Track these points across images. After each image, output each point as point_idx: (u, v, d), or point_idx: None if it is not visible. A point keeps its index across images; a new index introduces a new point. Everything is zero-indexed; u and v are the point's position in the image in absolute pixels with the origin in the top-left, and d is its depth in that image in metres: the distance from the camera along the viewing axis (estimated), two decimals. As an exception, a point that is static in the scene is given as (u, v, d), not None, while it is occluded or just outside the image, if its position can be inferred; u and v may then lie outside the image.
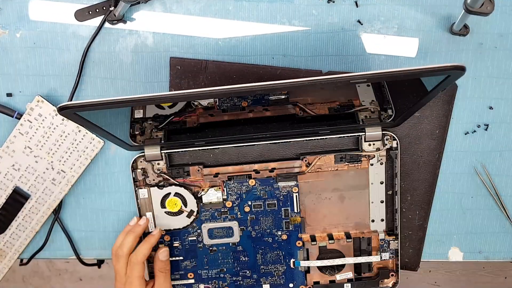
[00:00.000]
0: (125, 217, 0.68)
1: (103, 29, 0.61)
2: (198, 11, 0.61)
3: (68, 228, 0.69)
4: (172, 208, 0.64)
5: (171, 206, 0.63)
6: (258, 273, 0.67)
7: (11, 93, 0.63)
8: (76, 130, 0.62)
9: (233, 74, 0.62)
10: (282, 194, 0.64)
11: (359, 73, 0.41)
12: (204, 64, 0.62)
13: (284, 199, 0.64)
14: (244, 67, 0.62)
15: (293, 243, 0.65)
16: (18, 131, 0.62)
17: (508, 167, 0.66)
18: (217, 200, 0.64)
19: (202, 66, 0.62)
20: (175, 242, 0.65)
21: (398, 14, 0.61)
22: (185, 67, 0.62)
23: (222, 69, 0.62)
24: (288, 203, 0.64)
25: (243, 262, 0.66)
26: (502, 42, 0.62)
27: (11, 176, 0.63)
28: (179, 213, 0.64)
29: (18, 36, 0.61)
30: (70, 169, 0.64)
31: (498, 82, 0.63)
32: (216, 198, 0.63)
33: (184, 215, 0.64)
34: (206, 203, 0.64)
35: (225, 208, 0.64)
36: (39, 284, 1.61)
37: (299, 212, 0.64)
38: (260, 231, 0.65)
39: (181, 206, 0.64)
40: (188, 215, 0.64)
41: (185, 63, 0.62)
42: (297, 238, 0.65)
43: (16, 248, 0.67)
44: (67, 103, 0.42)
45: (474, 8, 0.52)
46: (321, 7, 0.61)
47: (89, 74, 0.63)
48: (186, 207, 0.64)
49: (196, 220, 0.64)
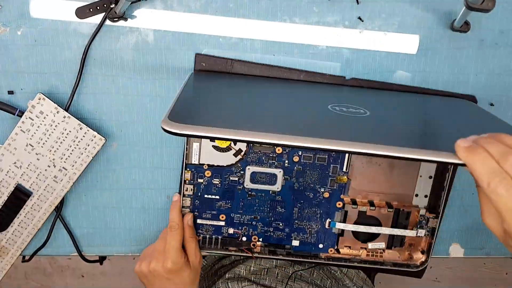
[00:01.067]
0: (127, 214, 0.68)
1: (104, 26, 0.61)
2: (199, 8, 0.61)
3: (70, 225, 0.69)
4: (221, 144, 0.61)
5: (220, 141, 0.61)
6: (291, 227, 0.65)
7: (12, 91, 0.63)
8: (78, 128, 0.62)
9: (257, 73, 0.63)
10: None
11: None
12: (229, 63, 0.63)
13: (336, 156, 0.62)
14: (268, 68, 0.63)
15: (334, 203, 0.64)
16: (19, 128, 0.62)
17: (509, 163, 0.66)
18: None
19: (227, 65, 0.63)
20: (215, 179, 0.63)
21: (399, 11, 0.61)
22: (211, 65, 0.63)
23: (247, 69, 0.63)
24: (339, 161, 0.62)
25: (279, 213, 0.64)
26: (503, 38, 0.62)
27: (13, 174, 0.64)
28: (227, 149, 0.61)
29: (19, 34, 0.61)
30: (71, 167, 0.64)
31: (499, 79, 0.63)
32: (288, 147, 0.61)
33: (231, 152, 0.61)
34: (256, 145, 0.61)
35: (274, 153, 0.62)
36: (41, 280, 1.62)
37: (347, 172, 0.63)
38: (304, 184, 0.63)
39: (231, 143, 0.61)
40: (235, 153, 0.61)
41: (210, 61, 0.63)
42: (338, 198, 0.64)
43: (18, 245, 0.67)
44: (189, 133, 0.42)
45: (475, 5, 0.52)
46: (322, 4, 0.61)
47: (90, 72, 0.63)
48: (235, 145, 0.61)
49: (241, 161, 0.62)
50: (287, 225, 0.65)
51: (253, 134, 0.43)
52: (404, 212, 0.63)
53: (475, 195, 0.67)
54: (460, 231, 0.69)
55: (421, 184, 0.63)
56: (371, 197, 0.64)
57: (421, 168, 0.63)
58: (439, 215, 0.63)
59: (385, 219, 0.64)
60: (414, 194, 0.64)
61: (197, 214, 0.65)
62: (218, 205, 0.64)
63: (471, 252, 0.70)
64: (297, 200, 0.64)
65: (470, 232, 0.69)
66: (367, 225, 0.64)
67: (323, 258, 0.66)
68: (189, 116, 0.46)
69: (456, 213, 0.68)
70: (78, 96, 0.64)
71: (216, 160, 0.62)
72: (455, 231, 0.69)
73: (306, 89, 0.61)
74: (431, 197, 0.63)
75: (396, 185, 0.63)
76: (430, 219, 0.63)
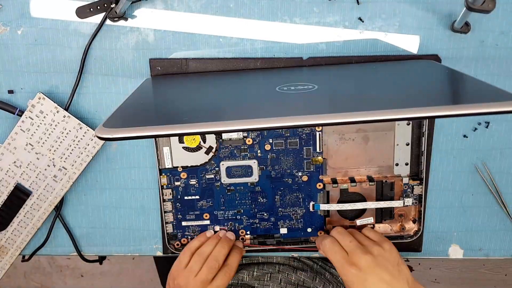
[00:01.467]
0: (127, 213, 0.68)
1: (104, 26, 0.61)
2: (199, 8, 0.61)
3: (70, 224, 0.69)
4: (190, 144, 0.61)
5: (189, 141, 0.61)
6: (276, 216, 0.65)
7: (12, 90, 0.63)
8: (78, 127, 0.62)
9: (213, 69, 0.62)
10: (305, 133, 0.61)
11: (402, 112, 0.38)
12: (184, 62, 0.62)
13: (307, 137, 0.62)
14: (223, 61, 0.62)
15: (314, 185, 0.64)
16: (19, 128, 0.62)
17: (508, 165, 0.66)
18: (237, 136, 0.61)
19: (182, 65, 0.62)
20: (191, 180, 0.63)
21: (399, 12, 0.61)
22: (166, 67, 0.62)
23: (203, 66, 0.62)
24: (311, 142, 0.62)
25: (261, 203, 0.64)
26: (503, 40, 0.62)
27: (13, 173, 0.64)
28: (197, 149, 0.62)
29: (19, 33, 0.61)
30: (71, 166, 0.64)
31: (499, 80, 0.63)
32: (236, 134, 0.61)
33: (203, 151, 0.62)
34: (225, 139, 0.62)
35: (245, 145, 0.62)
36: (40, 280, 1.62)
37: (321, 152, 0.62)
38: (280, 171, 0.63)
39: (200, 142, 0.62)
40: (206, 151, 0.62)
41: (165, 63, 0.62)
42: (317, 180, 0.63)
43: (17, 245, 0.67)
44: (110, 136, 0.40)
45: (475, 6, 0.52)
46: (323, 5, 0.61)
47: (90, 71, 0.63)
48: (205, 143, 0.62)
49: (214, 157, 0.62)
50: (272, 214, 0.65)
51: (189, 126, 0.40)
52: (387, 184, 0.63)
53: (474, 196, 0.67)
54: (459, 232, 0.69)
55: (399, 153, 0.62)
56: (351, 173, 0.64)
57: (396, 136, 0.61)
58: (423, 181, 0.63)
59: (368, 194, 0.64)
60: (395, 164, 0.63)
61: (180, 217, 0.65)
62: (199, 205, 0.65)
63: (471, 253, 0.70)
64: (277, 188, 0.64)
65: (469, 233, 0.69)
66: (351, 202, 0.63)
67: (314, 241, 0.65)
68: (129, 120, 0.45)
69: (455, 214, 0.68)
70: (78, 95, 0.64)
71: (189, 161, 0.63)
72: (454, 232, 0.69)
73: (260, 76, 0.60)
74: (412, 164, 0.63)
75: (375, 158, 0.63)
76: (415, 186, 0.63)
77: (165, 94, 0.55)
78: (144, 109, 0.49)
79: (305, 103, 0.46)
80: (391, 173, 0.63)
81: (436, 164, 0.66)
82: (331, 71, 0.59)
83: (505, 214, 0.68)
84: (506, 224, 0.68)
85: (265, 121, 0.40)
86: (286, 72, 0.60)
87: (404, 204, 0.63)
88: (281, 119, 0.39)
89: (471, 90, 0.47)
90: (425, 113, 0.38)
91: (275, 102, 0.47)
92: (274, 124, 0.39)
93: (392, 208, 0.64)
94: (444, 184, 0.67)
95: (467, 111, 0.38)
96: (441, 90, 0.49)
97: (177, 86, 0.58)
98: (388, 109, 0.39)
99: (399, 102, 0.43)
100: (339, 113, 0.39)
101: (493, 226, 0.69)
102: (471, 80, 0.49)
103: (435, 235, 0.69)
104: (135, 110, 0.48)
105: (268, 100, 0.49)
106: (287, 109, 0.45)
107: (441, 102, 0.41)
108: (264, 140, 0.62)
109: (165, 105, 0.51)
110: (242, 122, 0.40)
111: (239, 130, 0.40)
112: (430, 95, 0.46)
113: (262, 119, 0.40)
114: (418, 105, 0.39)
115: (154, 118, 0.47)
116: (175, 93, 0.56)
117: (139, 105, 0.50)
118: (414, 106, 0.39)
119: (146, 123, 0.42)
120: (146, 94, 0.55)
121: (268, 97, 0.49)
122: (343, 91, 0.51)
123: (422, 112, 0.38)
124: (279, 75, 0.59)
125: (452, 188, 0.67)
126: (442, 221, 0.68)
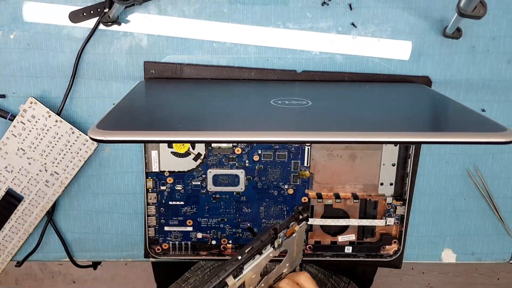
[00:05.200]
0: (119, 218, 0.68)
1: (98, 30, 0.61)
2: (193, 13, 0.61)
3: (62, 230, 0.69)
4: (179, 149, 0.62)
5: (178, 147, 0.61)
6: (259, 227, 0.65)
7: (4, 95, 0.63)
8: (70, 132, 0.62)
9: (208, 76, 0.62)
10: (294, 146, 0.62)
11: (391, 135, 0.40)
12: (179, 68, 0.62)
13: (295, 151, 0.62)
14: (218, 69, 0.62)
15: (299, 199, 0.64)
16: (11, 132, 0.61)
17: (500, 169, 0.66)
18: (226, 145, 0.62)
19: (176, 70, 0.62)
20: (177, 185, 0.63)
21: (392, 17, 0.62)
22: (160, 71, 0.62)
23: (197, 72, 0.62)
24: (299, 156, 0.62)
25: (245, 213, 0.65)
26: (494, 45, 0.62)
27: (4, 178, 0.63)
28: (186, 155, 0.62)
29: (12, 37, 0.61)
30: (63, 171, 0.64)
31: (491, 85, 0.64)
32: (226, 143, 0.61)
33: (191, 157, 0.62)
34: (215, 147, 0.62)
35: (234, 154, 0.62)
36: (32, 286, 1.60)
37: (308, 166, 0.63)
38: (267, 183, 0.63)
39: (189, 148, 0.62)
40: (195, 158, 0.62)
41: (159, 67, 0.62)
42: (303, 193, 0.64)
43: (9, 251, 0.67)
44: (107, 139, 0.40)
45: (467, 12, 0.53)
46: (315, 10, 0.61)
47: (83, 76, 0.63)
48: (194, 150, 0.62)
49: (202, 164, 0.63)
50: (255, 225, 0.65)
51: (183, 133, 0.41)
52: (371, 202, 0.64)
53: (466, 201, 0.67)
54: (452, 237, 0.69)
55: (385, 173, 0.63)
56: (336, 190, 0.65)
57: (382, 156, 0.63)
58: (406, 202, 0.64)
59: (352, 211, 0.64)
60: (379, 183, 0.64)
61: (163, 222, 0.65)
62: (183, 210, 0.65)
63: (463, 258, 0.70)
64: (262, 199, 0.64)
65: (462, 237, 0.69)
66: (335, 218, 0.64)
67: None
68: (123, 123, 0.45)
69: (447, 218, 0.68)
70: (70, 100, 0.63)
71: (176, 166, 0.63)
72: (447, 236, 0.69)
73: (254, 87, 0.61)
74: (396, 185, 0.64)
75: (360, 176, 0.64)
76: (398, 206, 0.64)
77: (159, 98, 0.55)
78: (138, 112, 0.50)
79: (298, 119, 0.47)
80: (375, 192, 0.65)
81: (429, 168, 0.66)
82: (325, 88, 0.60)
83: (497, 218, 0.68)
84: (498, 228, 0.69)
85: (260, 134, 0.40)
86: (280, 85, 0.61)
87: (386, 223, 0.64)
88: (274, 133, 0.40)
89: (459, 118, 0.48)
90: (411, 138, 0.40)
91: (269, 115, 0.48)
92: (268, 138, 0.40)
93: (374, 226, 0.65)
94: (436, 188, 0.67)
95: (453, 139, 0.39)
96: (429, 116, 0.50)
97: (171, 91, 0.59)
98: (376, 131, 0.40)
99: (387, 125, 0.44)
100: (330, 132, 0.40)
101: (485, 231, 0.69)
102: (459, 108, 0.51)
103: (428, 239, 0.69)
104: (129, 113, 0.49)
105: (262, 113, 0.49)
106: (281, 123, 0.46)
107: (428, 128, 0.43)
108: (253, 151, 0.62)
109: (160, 110, 0.51)
110: (236, 134, 0.40)
111: (233, 141, 0.41)
112: (419, 120, 0.47)
113: (256, 131, 0.40)
114: (406, 130, 0.40)
115: (148, 122, 0.47)
116: (169, 98, 0.56)
117: (133, 107, 0.51)
118: (401, 130, 0.40)
119: (139, 127, 0.42)
120: (140, 97, 0.55)
121: (263, 110, 0.50)
122: (336, 109, 0.52)
123: (409, 137, 0.40)
124: (273, 87, 0.60)
125: (444, 192, 0.67)
126: (435, 226, 0.69)
